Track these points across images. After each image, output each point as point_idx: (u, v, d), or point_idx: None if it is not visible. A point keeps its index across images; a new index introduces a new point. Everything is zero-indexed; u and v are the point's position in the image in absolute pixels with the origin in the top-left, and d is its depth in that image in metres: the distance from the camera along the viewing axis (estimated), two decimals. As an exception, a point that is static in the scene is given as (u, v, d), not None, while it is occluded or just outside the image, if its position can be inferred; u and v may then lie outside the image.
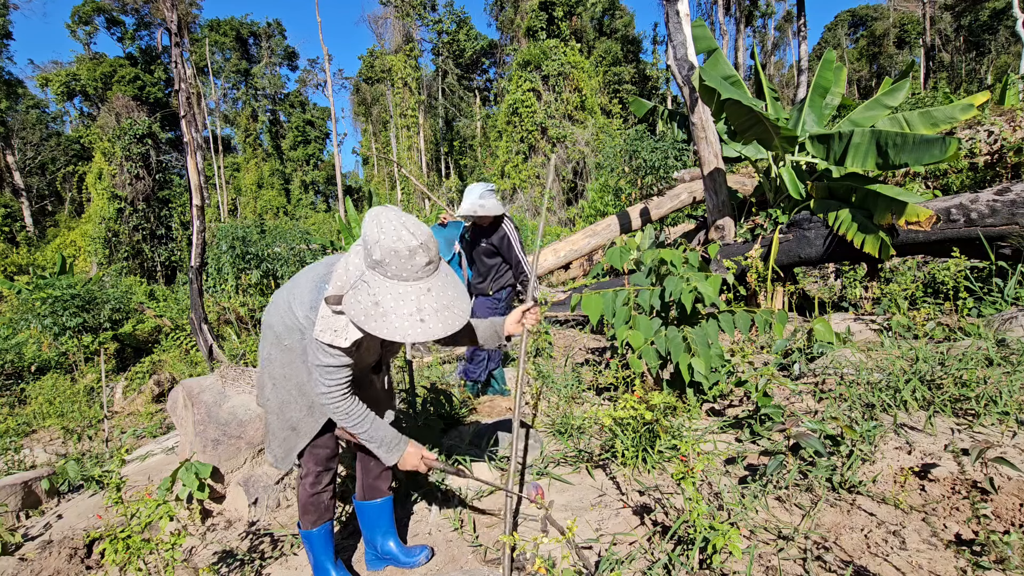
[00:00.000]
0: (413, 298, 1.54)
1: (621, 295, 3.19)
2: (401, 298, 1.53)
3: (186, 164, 6.49)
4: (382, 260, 1.52)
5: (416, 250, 1.52)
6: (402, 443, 1.86)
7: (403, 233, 1.51)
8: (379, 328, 1.52)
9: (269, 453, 1.96)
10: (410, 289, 1.55)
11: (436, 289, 1.58)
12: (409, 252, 1.51)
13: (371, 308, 1.52)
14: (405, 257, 1.51)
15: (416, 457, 1.88)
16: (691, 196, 8.55)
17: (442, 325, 1.56)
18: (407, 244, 1.51)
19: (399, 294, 1.54)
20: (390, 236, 1.51)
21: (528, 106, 22.39)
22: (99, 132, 26.61)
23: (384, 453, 1.83)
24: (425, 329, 1.53)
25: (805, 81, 15.35)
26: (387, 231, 1.51)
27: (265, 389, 1.92)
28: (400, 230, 1.51)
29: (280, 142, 39.17)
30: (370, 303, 1.53)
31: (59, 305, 9.61)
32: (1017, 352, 2.93)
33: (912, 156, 4.46)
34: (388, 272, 1.53)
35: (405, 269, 1.53)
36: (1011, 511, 1.84)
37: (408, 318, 1.53)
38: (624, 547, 1.98)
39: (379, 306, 1.52)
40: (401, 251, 1.51)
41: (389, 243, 1.50)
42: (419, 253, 1.53)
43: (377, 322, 1.52)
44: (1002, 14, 26.14)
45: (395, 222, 1.53)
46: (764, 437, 2.60)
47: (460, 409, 3.48)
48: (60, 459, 4.58)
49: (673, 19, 5.86)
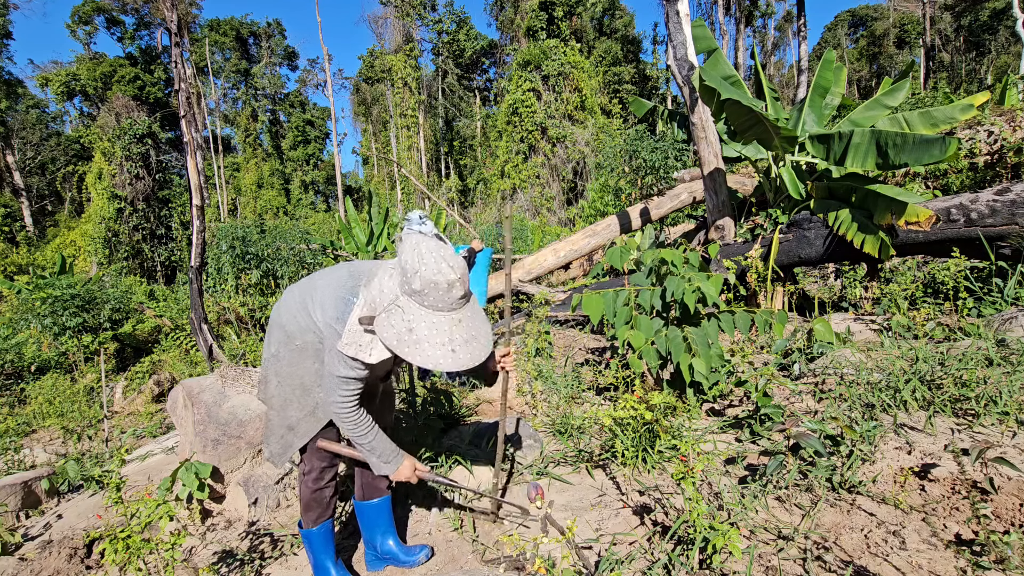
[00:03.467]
0: (446, 328, 1.60)
1: (622, 295, 3.18)
2: (435, 327, 1.59)
3: (186, 164, 6.49)
4: (421, 290, 1.57)
5: (455, 283, 1.59)
6: (399, 456, 1.91)
7: (443, 266, 1.57)
8: (412, 354, 1.56)
9: (266, 449, 1.97)
10: (444, 319, 1.60)
11: (466, 320, 1.65)
12: (448, 285, 1.58)
13: (405, 334, 1.57)
14: (444, 290, 1.58)
15: (409, 469, 1.92)
16: (691, 196, 8.54)
17: (470, 356, 1.62)
18: (447, 278, 1.57)
19: (433, 323, 1.59)
20: (431, 268, 1.56)
21: (528, 106, 22.39)
22: (99, 132, 26.61)
23: (381, 464, 1.87)
24: (456, 359, 1.59)
25: (805, 81, 15.34)
26: (428, 263, 1.57)
27: (269, 385, 1.94)
28: (440, 263, 1.58)
29: (280, 142, 39.16)
30: (404, 329, 1.58)
31: (59, 305, 9.61)
32: (1017, 352, 2.93)
33: (912, 156, 4.46)
34: (425, 302, 1.59)
35: (442, 300, 1.59)
36: (1011, 511, 1.84)
37: (440, 347, 1.58)
38: (624, 547, 1.98)
39: (413, 333, 1.57)
40: (441, 284, 1.57)
41: (430, 275, 1.56)
42: (456, 287, 1.59)
43: (410, 348, 1.57)
44: (1002, 14, 26.13)
45: (436, 254, 1.59)
46: (764, 437, 2.60)
47: (460, 409, 3.48)
48: (60, 459, 4.58)
49: (673, 19, 5.85)
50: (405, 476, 1.92)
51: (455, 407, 3.44)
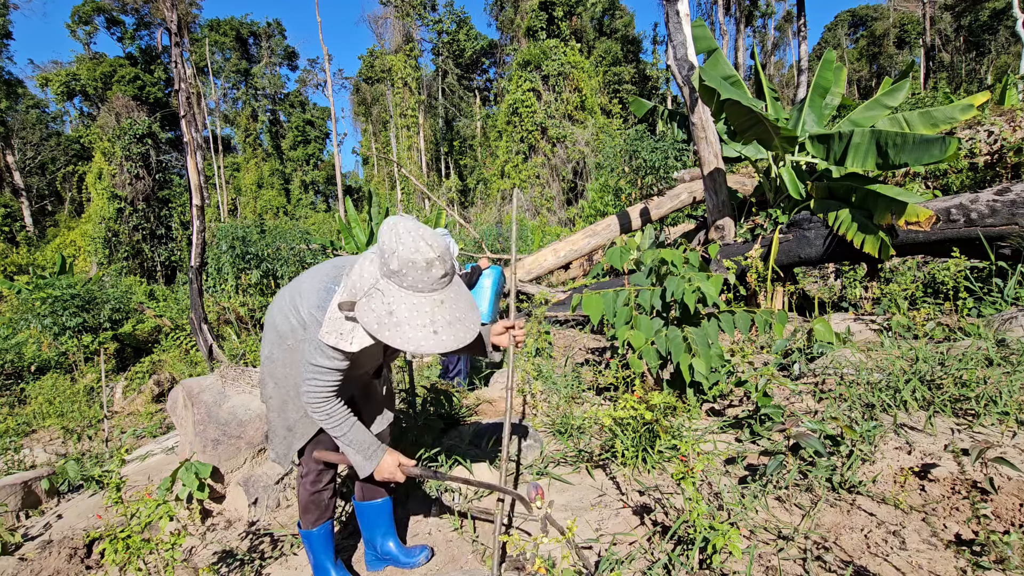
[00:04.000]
0: (427, 309, 1.55)
1: (622, 295, 3.18)
2: (415, 308, 1.54)
3: (186, 164, 6.49)
4: (399, 270, 1.53)
5: (433, 262, 1.53)
6: (380, 450, 1.85)
7: (421, 245, 1.52)
8: (392, 337, 1.52)
9: (271, 450, 1.97)
10: (424, 300, 1.55)
11: (449, 301, 1.59)
12: (426, 264, 1.52)
13: (385, 317, 1.53)
14: (422, 269, 1.52)
15: (393, 465, 1.85)
16: (691, 196, 8.54)
17: (454, 338, 1.57)
18: (425, 256, 1.52)
19: (413, 304, 1.54)
20: (408, 247, 1.52)
21: (528, 106, 22.39)
22: (99, 132, 26.61)
23: (361, 460, 1.81)
24: (438, 341, 1.54)
25: (805, 81, 15.34)
26: (405, 242, 1.52)
27: (267, 387, 1.93)
28: (418, 241, 1.52)
29: (280, 142, 39.16)
30: (384, 312, 1.53)
31: (59, 305, 9.62)
32: (1017, 352, 2.93)
33: (912, 156, 4.46)
34: (404, 283, 1.54)
35: (421, 280, 1.54)
36: (1011, 511, 1.84)
37: (422, 329, 1.53)
38: (624, 547, 1.98)
39: (393, 316, 1.53)
40: (419, 262, 1.52)
41: (407, 254, 1.51)
42: (436, 265, 1.54)
43: (391, 331, 1.52)
44: (1002, 14, 26.13)
45: (413, 233, 1.54)
46: (764, 437, 2.60)
47: (460, 409, 3.48)
48: (60, 459, 4.58)
49: (673, 19, 5.86)
50: (388, 472, 1.85)
51: (455, 407, 3.44)
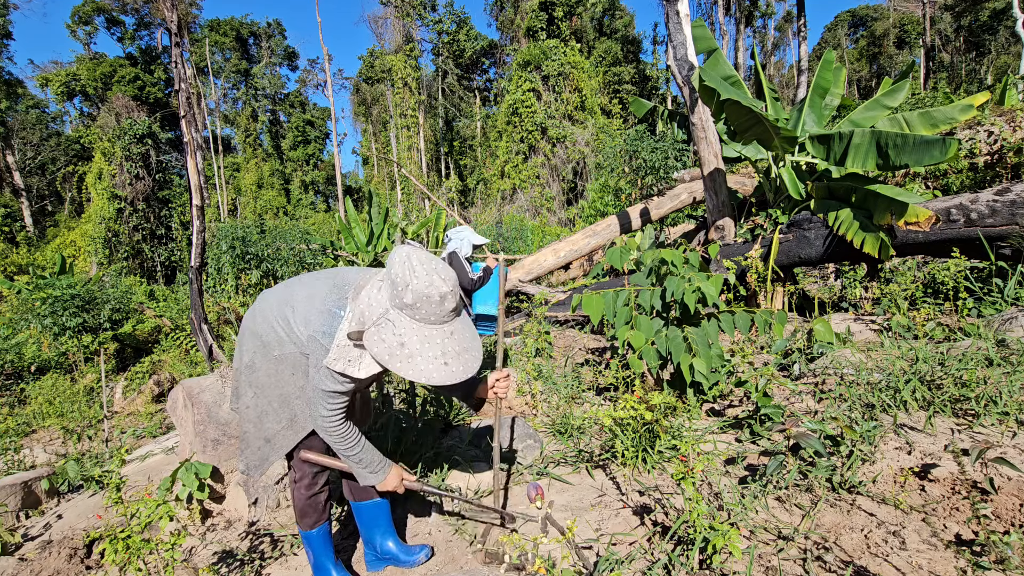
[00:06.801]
0: (439, 341, 1.57)
1: (622, 295, 3.18)
2: (427, 340, 1.56)
3: (186, 164, 6.49)
4: (413, 304, 1.55)
5: (446, 296, 1.56)
6: (386, 466, 1.88)
7: (435, 279, 1.55)
8: (404, 369, 1.54)
9: (241, 461, 1.92)
10: (436, 332, 1.58)
11: (458, 333, 1.62)
12: (440, 298, 1.55)
13: (396, 348, 1.55)
14: (436, 303, 1.55)
15: (396, 479, 1.89)
16: (691, 196, 8.54)
17: (463, 368, 1.59)
18: (439, 290, 1.54)
19: (425, 336, 1.57)
20: (423, 281, 1.54)
21: (528, 106, 22.40)
22: (99, 132, 26.63)
23: (368, 475, 1.84)
24: (448, 372, 1.56)
25: (805, 81, 15.36)
26: (420, 276, 1.54)
27: (244, 396, 1.88)
28: (432, 275, 1.55)
29: (280, 142, 39.16)
30: (395, 343, 1.55)
31: (59, 305, 9.61)
32: (1017, 352, 2.93)
33: (912, 157, 4.46)
34: (417, 315, 1.56)
35: (434, 314, 1.56)
36: (1011, 511, 1.84)
37: (433, 361, 1.55)
38: (624, 547, 1.98)
39: (405, 347, 1.55)
40: (433, 297, 1.54)
41: (422, 288, 1.53)
42: (448, 299, 1.57)
43: (403, 363, 1.54)
44: (1002, 14, 26.13)
45: (427, 266, 1.56)
46: (764, 437, 2.60)
47: (460, 410, 3.48)
48: (60, 459, 4.58)
49: (673, 19, 5.86)
50: (392, 486, 1.89)
51: (455, 407, 3.44)
